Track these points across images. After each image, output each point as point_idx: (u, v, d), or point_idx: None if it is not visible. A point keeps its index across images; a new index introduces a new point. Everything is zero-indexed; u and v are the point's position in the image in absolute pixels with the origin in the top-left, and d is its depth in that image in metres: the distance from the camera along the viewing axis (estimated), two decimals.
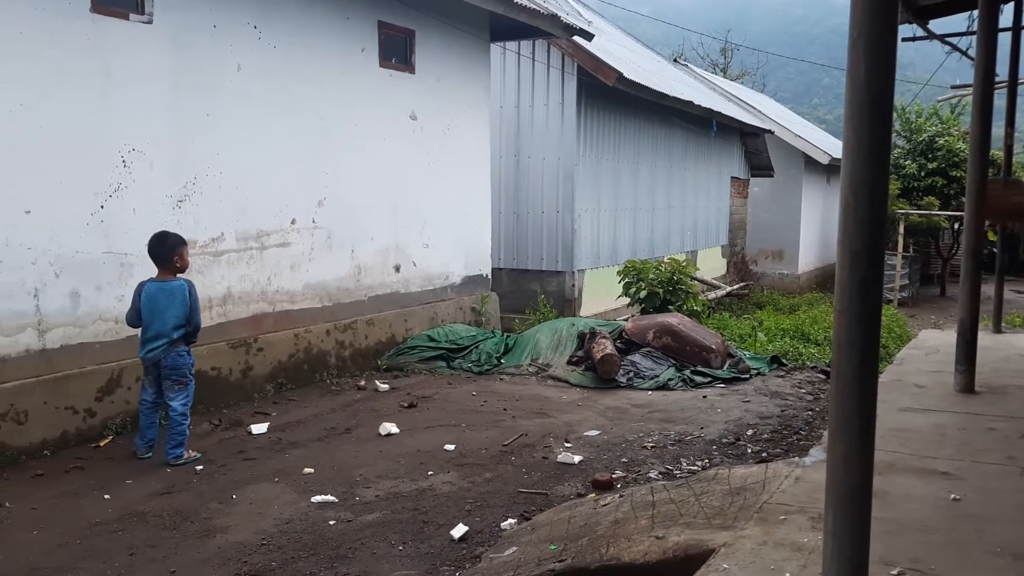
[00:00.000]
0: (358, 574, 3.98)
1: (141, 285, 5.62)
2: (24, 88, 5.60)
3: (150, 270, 5.71)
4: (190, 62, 6.74)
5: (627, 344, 8.87)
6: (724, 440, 6.17)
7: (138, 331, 5.77)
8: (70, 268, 5.96)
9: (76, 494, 5.02)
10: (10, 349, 5.63)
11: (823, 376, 8.46)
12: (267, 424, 6.48)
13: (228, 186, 7.13)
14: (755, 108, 21.95)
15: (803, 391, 7.85)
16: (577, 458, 5.68)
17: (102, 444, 5.97)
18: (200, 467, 5.51)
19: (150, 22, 6.39)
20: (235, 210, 7.22)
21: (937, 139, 22.48)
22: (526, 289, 12.59)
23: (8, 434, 5.56)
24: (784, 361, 9.22)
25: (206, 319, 6.56)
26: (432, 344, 9.05)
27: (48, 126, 5.75)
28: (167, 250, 5.66)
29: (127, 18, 6.23)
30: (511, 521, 4.60)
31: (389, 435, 6.28)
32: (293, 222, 7.82)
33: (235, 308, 7.28)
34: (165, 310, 5.56)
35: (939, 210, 21.42)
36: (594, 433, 6.37)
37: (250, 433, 6.30)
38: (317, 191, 8.08)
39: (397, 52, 9.06)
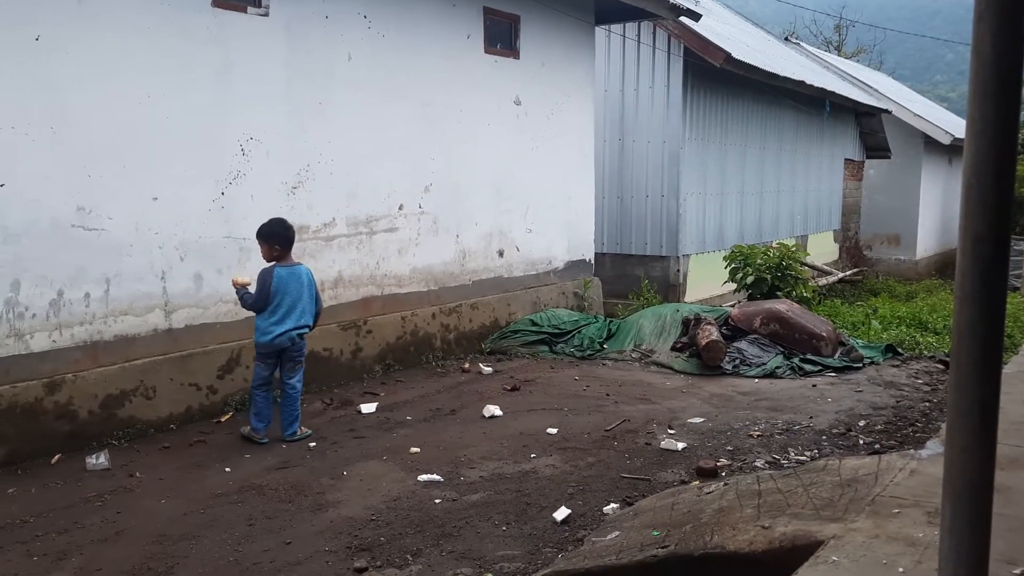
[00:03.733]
0: (463, 552, 4.07)
1: (269, 271, 5.69)
2: (151, 80, 5.90)
3: None
4: (304, 53, 6.97)
5: (733, 331, 8.70)
6: (834, 430, 6.00)
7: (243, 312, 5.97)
8: (193, 252, 6.27)
9: (199, 466, 5.32)
10: (140, 328, 5.98)
11: (942, 366, 8.08)
12: (376, 404, 6.67)
13: (339, 173, 7.35)
14: (871, 87, 21.05)
15: (920, 381, 7.53)
16: (681, 445, 5.63)
17: (223, 419, 6.28)
18: (313, 444, 5.74)
19: (266, 14, 6.63)
20: (345, 196, 7.44)
21: None
22: (629, 274, 12.50)
23: (139, 408, 5.92)
24: (900, 350, 8.85)
25: None
26: (535, 328, 9.11)
27: (173, 116, 6.05)
28: (294, 235, 5.87)
29: (245, 11, 6.49)
30: (613, 506, 4.60)
31: (493, 417, 6.38)
32: (400, 207, 7.99)
33: (345, 291, 7.51)
34: (301, 295, 5.73)
35: None
36: (698, 420, 6.29)
37: (360, 412, 6.51)
38: (423, 177, 8.23)
39: (502, 38, 9.11)
